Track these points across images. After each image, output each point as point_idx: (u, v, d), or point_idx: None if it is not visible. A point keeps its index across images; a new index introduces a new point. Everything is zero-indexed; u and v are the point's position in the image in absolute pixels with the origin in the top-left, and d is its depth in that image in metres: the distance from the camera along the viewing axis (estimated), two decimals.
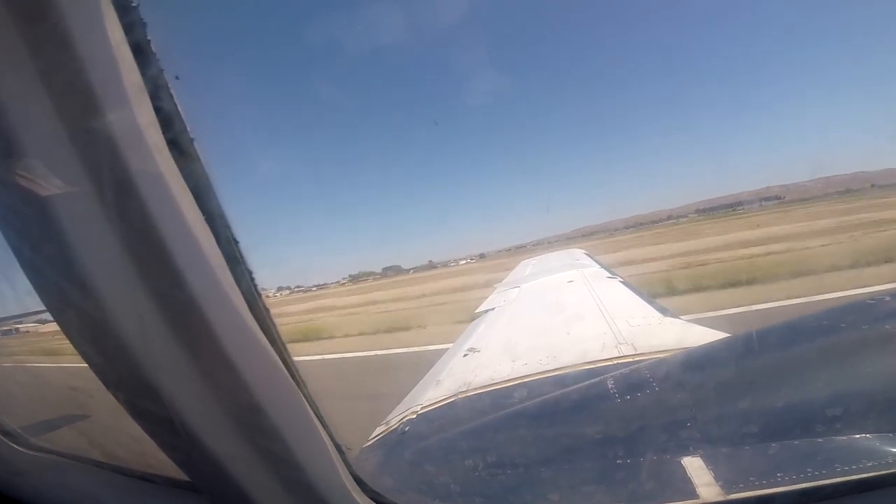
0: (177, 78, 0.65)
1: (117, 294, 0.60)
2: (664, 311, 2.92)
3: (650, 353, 1.99)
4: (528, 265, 8.11)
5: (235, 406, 0.71)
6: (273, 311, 0.78)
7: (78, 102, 0.55)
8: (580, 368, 1.99)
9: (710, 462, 1.03)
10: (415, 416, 1.85)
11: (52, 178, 0.55)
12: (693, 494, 0.97)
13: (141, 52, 0.60)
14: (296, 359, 0.82)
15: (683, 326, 2.48)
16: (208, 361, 0.68)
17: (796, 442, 1.02)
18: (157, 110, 0.62)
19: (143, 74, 0.61)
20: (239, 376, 0.69)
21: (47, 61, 0.53)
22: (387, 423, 1.91)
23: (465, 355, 2.78)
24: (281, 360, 0.77)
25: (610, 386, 1.43)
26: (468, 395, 1.99)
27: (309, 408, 0.83)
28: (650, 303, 3.20)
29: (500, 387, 2.00)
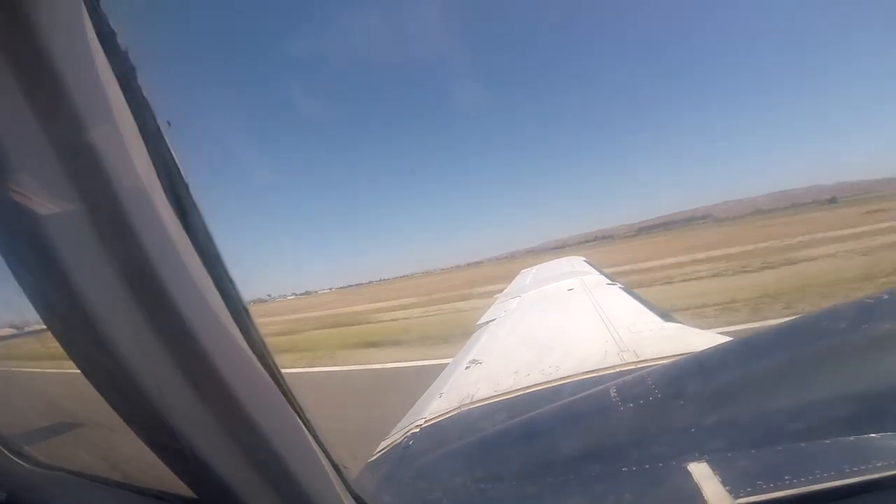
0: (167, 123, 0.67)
1: (113, 312, 0.61)
2: (665, 316, 2.91)
3: (653, 359, 1.99)
4: (527, 274, 8.10)
5: (233, 426, 0.72)
6: None
7: (73, 133, 0.57)
8: (583, 377, 1.98)
9: (717, 467, 1.02)
10: (418, 430, 1.83)
11: (51, 201, 0.57)
12: (700, 500, 0.96)
13: (122, 69, 0.62)
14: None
15: (685, 331, 2.47)
16: (203, 381, 0.69)
17: (803, 444, 1.01)
18: (142, 126, 0.64)
19: (128, 99, 0.62)
20: (235, 398, 0.70)
21: (43, 105, 0.56)
22: (391, 437, 1.89)
23: (466, 367, 2.77)
24: (274, 380, 0.78)
25: (613, 394, 1.42)
26: (471, 407, 1.97)
27: (305, 428, 0.83)
28: (651, 309, 3.19)
29: (502, 398, 1.99)
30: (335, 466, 0.88)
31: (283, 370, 0.82)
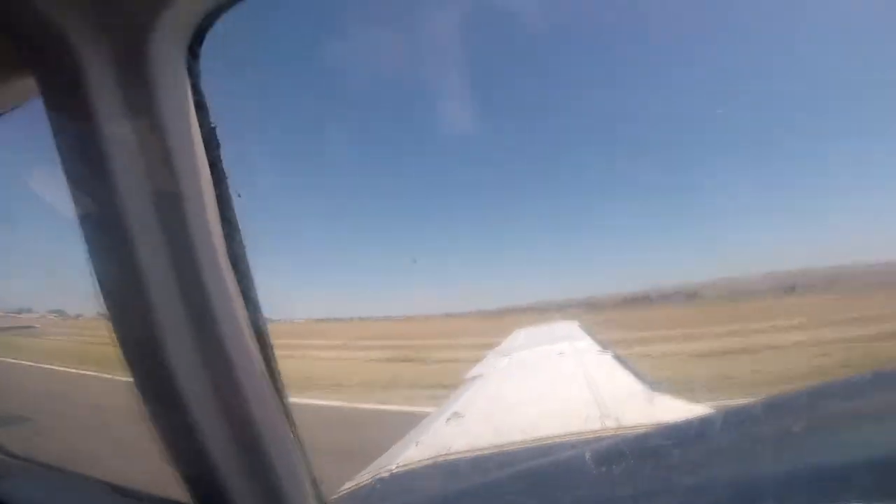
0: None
1: (162, 308, 0.72)
2: (653, 386, 2.91)
3: (632, 426, 1.97)
4: (520, 334, 8.05)
5: (234, 425, 0.79)
6: None
7: (161, 170, 0.73)
8: (562, 440, 1.96)
9: None
10: (388, 475, 1.79)
11: (135, 217, 0.71)
12: None
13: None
14: None
15: (670, 402, 2.46)
16: (221, 380, 0.77)
17: None
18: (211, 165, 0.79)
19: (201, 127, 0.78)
20: (243, 399, 0.79)
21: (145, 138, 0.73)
22: (357, 479, 1.84)
23: (447, 419, 2.73)
24: (276, 392, 0.86)
25: (587, 457, 1.41)
26: (446, 459, 1.93)
27: (294, 440, 0.90)
28: (639, 378, 3.19)
29: (479, 454, 1.95)
30: (313, 479, 0.94)
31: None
